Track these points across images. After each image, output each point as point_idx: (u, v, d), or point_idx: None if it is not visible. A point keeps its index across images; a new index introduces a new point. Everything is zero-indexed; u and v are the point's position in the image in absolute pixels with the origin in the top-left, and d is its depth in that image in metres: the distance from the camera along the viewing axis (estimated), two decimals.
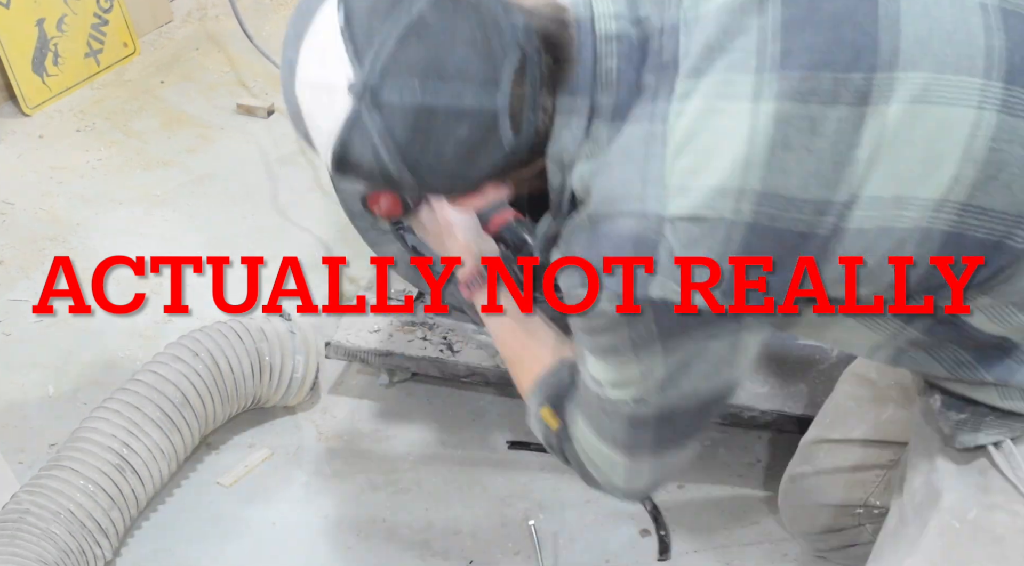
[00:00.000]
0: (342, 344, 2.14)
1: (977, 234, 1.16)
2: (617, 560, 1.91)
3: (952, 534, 1.34)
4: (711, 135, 1.13)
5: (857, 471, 1.68)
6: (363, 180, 1.22)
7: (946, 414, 1.36)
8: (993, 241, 1.17)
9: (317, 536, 1.97)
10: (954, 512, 1.34)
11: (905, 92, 1.14)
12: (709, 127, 1.14)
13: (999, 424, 1.31)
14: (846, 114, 1.13)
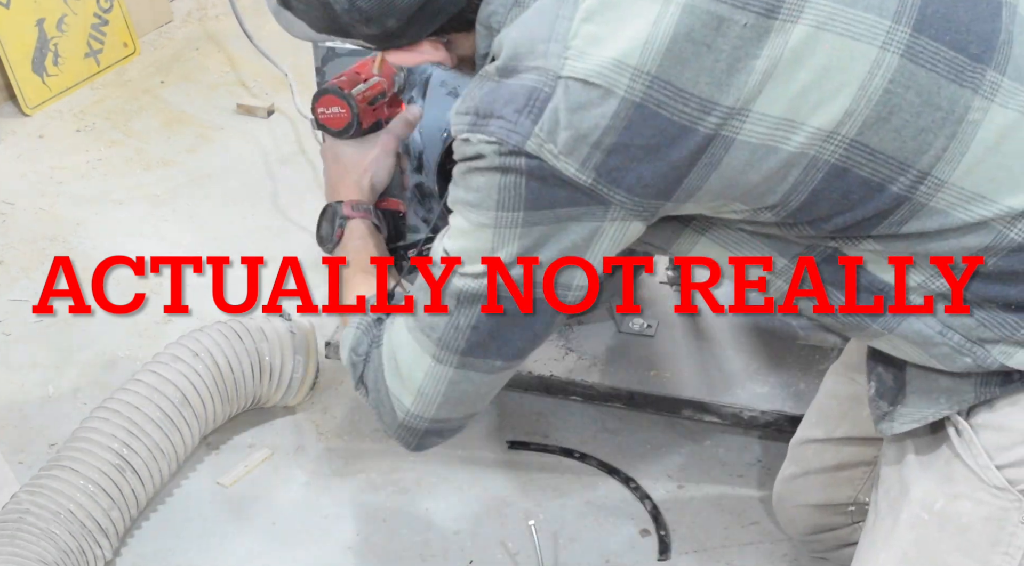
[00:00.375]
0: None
1: (861, 172, 1.19)
2: (617, 560, 1.91)
3: (921, 526, 1.36)
4: (621, 11, 1.17)
5: (843, 469, 1.69)
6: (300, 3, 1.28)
7: (877, 402, 1.39)
8: (876, 182, 1.19)
9: (317, 536, 1.97)
10: (922, 503, 1.35)
11: (812, 16, 1.16)
12: (622, 2, 1.18)
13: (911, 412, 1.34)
14: (752, 22, 1.16)
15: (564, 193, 1.20)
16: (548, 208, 1.21)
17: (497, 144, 1.19)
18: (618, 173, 1.18)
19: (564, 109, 1.17)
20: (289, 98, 3.15)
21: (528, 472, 2.07)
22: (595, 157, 1.17)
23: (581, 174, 1.18)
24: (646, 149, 1.17)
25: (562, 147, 1.17)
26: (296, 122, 3.13)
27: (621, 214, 1.21)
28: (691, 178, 1.19)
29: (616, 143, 1.17)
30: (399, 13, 1.26)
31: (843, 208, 1.21)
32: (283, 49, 3.32)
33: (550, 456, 2.10)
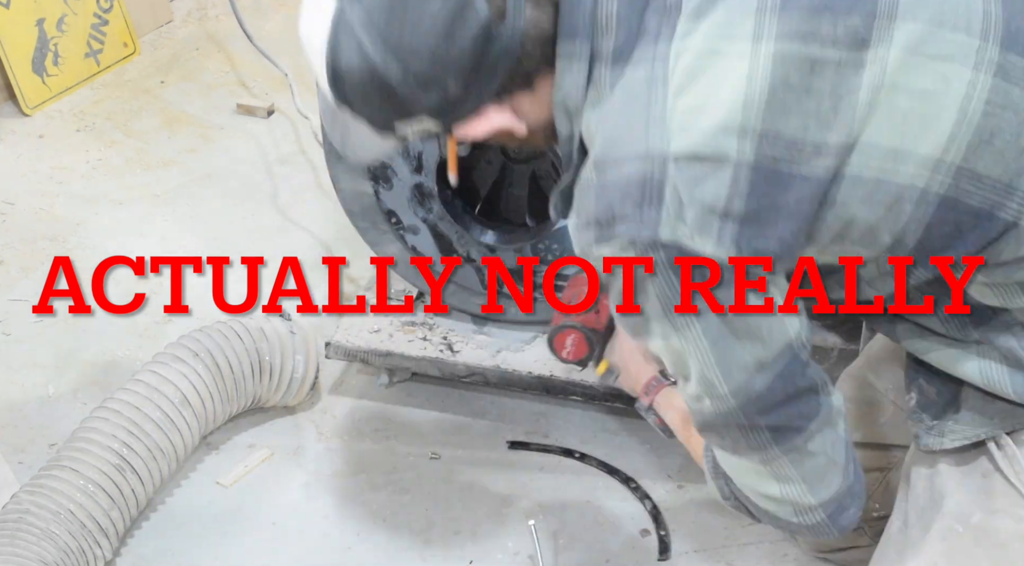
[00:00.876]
0: (342, 344, 2.14)
1: (971, 201, 1.17)
2: (617, 560, 1.91)
3: (955, 538, 1.33)
4: (712, 75, 1.15)
5: None
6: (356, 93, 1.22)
7: (919, 415, 1.36)
8: (985, 210, 1.18)
9: (317, 536, 1.96)
10: (957, 516, 1.33)
11: (903, 40, 1.15)
12: (710, 67, 1.15)
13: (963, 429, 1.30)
14: (846, 57, 1.14)
15: (714, 271, 1.17)
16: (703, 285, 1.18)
17: (631, 246, 1.16)
18: (758, 242, 1.16)
19: (682, 187, 1.14)
20: (289, 98, 3.15)
21: (528, 472, 2.07)
22: (728, 229, 1.15)
23: (720, 251, 1.15)
24: (774, 209, 1.15)
25: (692, 225, 1.15)
26: (296, 122, 3.13)
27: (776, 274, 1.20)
28: (816, 225, 1.18)
29: (745, 211, 1.14)
30: (455, 71, 1.18)
31: (956, 242, 1.20)
32: (283, 49, 3.32)
33: (550, 456, 2.10)
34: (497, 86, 1.22)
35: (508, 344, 2.13)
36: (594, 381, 2.00)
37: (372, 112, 1.25)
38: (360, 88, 1.21)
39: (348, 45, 1.18)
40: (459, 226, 2.04)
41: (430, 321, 2.18)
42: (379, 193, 2.05)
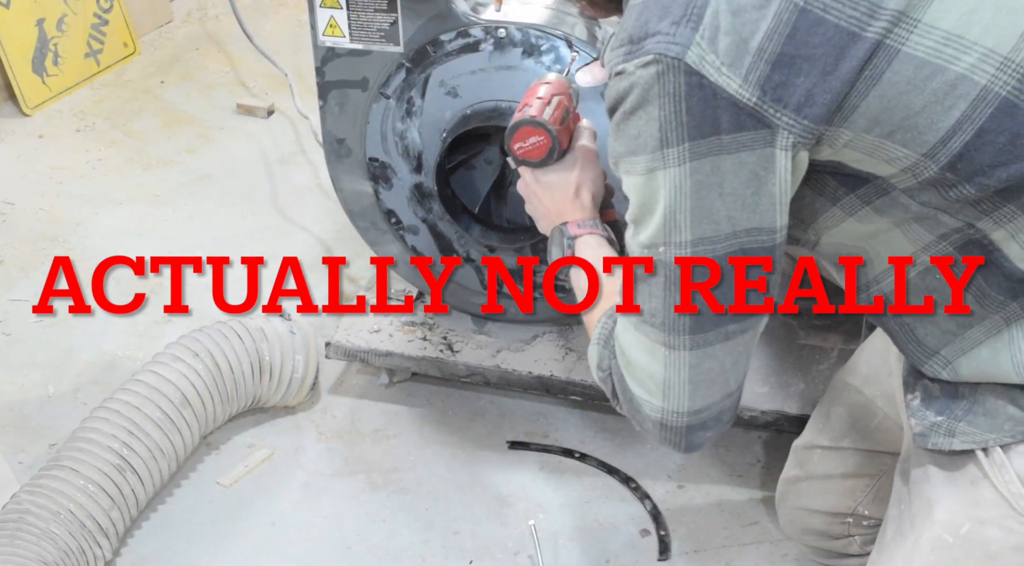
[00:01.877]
0: (342, 344, 2.15)
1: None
2: (617, 560, 1.91)
3: (945, 549, 1.32)
4: None
5: (847, 478, 1.67)
6: None
7: (923, 412, 1.33)
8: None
9: (317, 536, 1.97)
10: (947, 526, 1.31)
11: None
12: None
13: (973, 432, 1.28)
14: None
15: (728, 116, 1.12)
16: (713, 135, 1.12)
17: (655, 62, 1.11)
18: (783, 90, 1.11)
19: (724, 11, 1.10)
20: (289, 98, 3.15)
21: (528, 472, 2.07)
22: (759, 69, 1.10)
23: (744, 91, 1.10)
24: (811, 59, 1.10)
25: (724, 56, 1.10)
26: (296, 122, 3.14)
27: (790, 141, 1.13)
28: (852, 95, 1.12)
29: (781, 53, 1.09)
30: None
31: (1008, 157, 1.13)
32: (283, 49, 3.33)
33: (550, 456, 2.10)
34: None
35: (508, 344, 2.13)
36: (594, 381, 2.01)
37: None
38: None
39: None
40: (459, 226, 2.04)
41: (430, 321, 2.18)
42: (379, 193, 2.05)
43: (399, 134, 1.98)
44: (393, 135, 1.98)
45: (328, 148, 2.05)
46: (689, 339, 1.24)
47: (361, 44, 1.92)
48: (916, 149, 1.14)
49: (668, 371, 1.26)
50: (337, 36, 1.92)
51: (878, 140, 1.15)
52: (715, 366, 1.26)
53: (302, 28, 3.40)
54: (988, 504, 1.28)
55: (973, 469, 1.30)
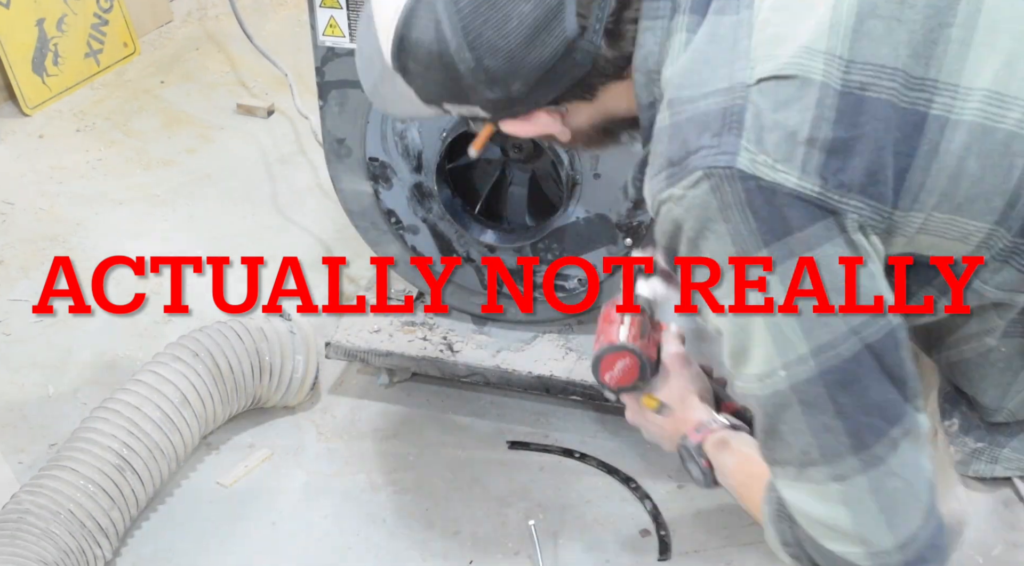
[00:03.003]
0: (342, 344, 2.15)
1: None
2: (617, 560, 1.91)
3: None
4: (797, 7, 1.10)
5: None
6: (419, 67, 1.18)
7: (962, 439, 1.30)
8: None
9: (317, 536, 1.96)
10: (978, 547, 1.30)
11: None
12: (793, 4, 1.11)
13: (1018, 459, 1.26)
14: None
15: (795, 212, 1.07)
16: (788, 235, 1.08)
17: (706, 177, 1.07)
18: (843, 175, 1.07)
19: (766, 110, 1.08)
20: (289, 98, 3.15)
21: (528, 472, 2.07)
22: (814, 158, 1.07)
23: (805, 182, 1.07)
24: (862, 139, 1.07)
25: (774, 153, 1.07)
26: (296, 122, 3.14)
27: (856, 224, 1.09)
28: (915, 171, 1.09)
29: (832, 138, 1.07)
30: (526, 75, 1.16)
31: None
32: (283, 49, 3.32)
33: (550, 456, 2.10)
34: (556, 94, 1.20)
35: (508, 344, 2.13)
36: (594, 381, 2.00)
37: (426, 86, 1.21)
38: (424, 63, 1.18)
39: (426, 20, 1.15)
40: (459, 225, 2.04)
41: (430, 321, 2.18)
42: (379, 193, 2.05)
43: (399, 134, 1.98)
44: (393, 135, 1.98)
45: (328, 148, 2.05)
46: (857, 461, 1.12)
47: None
48: (987, 218, 1.12)
49: (852, 509, 1.14)
50: (337, 36, 1.92)
51: (949, 216, 1.12)
52: (899, 485, 1.13)
53: (302, 28, 3.40)
54: (1022, 527, 1.28)
55: (1007, 492, 1.29)
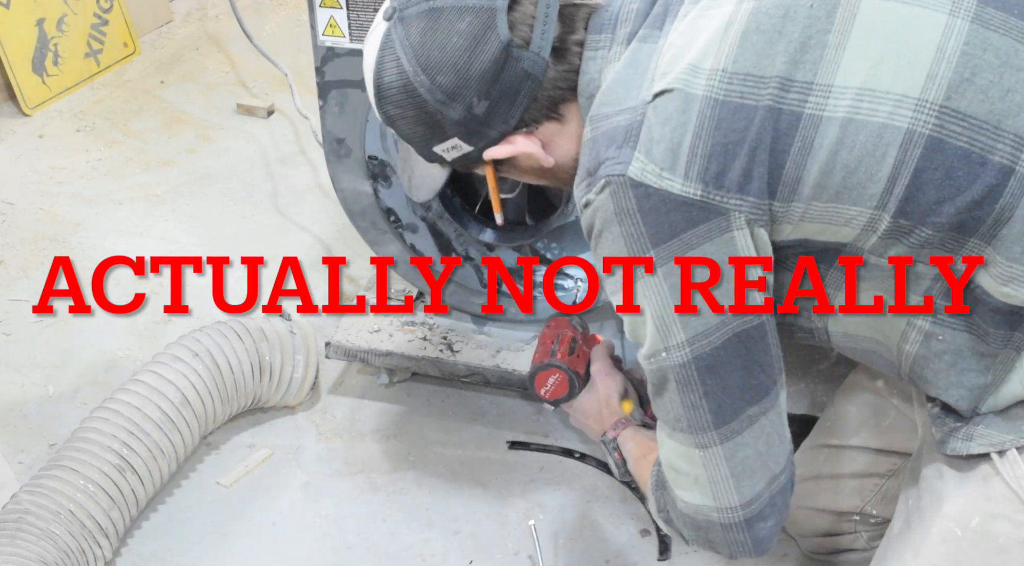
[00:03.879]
0: (342, 344, 2.15)
1: (959, 142, 1.18)
2: (617, 560, 1.91)
3: (954, 542, 1.33)
4: (695, 32, 1.24)
5: (855, 478, 1.68)
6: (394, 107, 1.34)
7: (943, 419, 1.35)
8: (976, 153, 1.17)
9: (317, 536, 1.97)
10: (957, 519, 1.33)
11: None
12: (695, 28, 1.24)
13: (991, 434, 1.30)
14: (819, 2, 1.20)
15: (680, 216, 1.21)
16: (673, 237, 1.22)
17: (607, 184, 1.22)
18: (722, 176, 1.19)
19: (656, 124, 1.20)
20: (289, 98, 3.15)
21: (528, 472, 2.07)
22: (695, 165, 1.19)
23: (688, 188, 1.20)
24: (739, 143, 1.19)
25: (660, 162, 1.20)
26: (296, 122, 3.14)
27: (743, 220, 1.21)
28: (789, 167, 1.19)
29: (712, 145, 1.19)
30: (477, 86, 1.29)
31: (950, 191, 1.18)
32: (283, 49, 3.32)
33: (550, 456, 2.10)
34: (521, 110, 1.33)
35: (508, 344, 2.13)
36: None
37: (411, 129, 1.36)
38: (398, 102, 1.33)
39: (390, 63, 1.32)
40: (457, 224, 2.04)
41: (430, 321, 2.18)
42: (378, 191, 2.05)
43: None
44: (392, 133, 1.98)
45: (328, 148, 2.04)
46: (717, 434, 1.29)
47: (361, 44, 1.92)
48: (867, 204, 1.21)
49: (709, 471, 1.31)
50: (337, 36, 1.92)
51: (829, 204, 1.21)
52: (750, 454, 1.30)
53: (302, 28, 3.40)
54: (999, 499, 1.30)
55: (985, 467, 1.31)
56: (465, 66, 1.29)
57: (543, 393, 1.73)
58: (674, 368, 1.27)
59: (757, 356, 1.27)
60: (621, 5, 1.33)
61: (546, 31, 1.31)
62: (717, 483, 1.32)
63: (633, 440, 1.61)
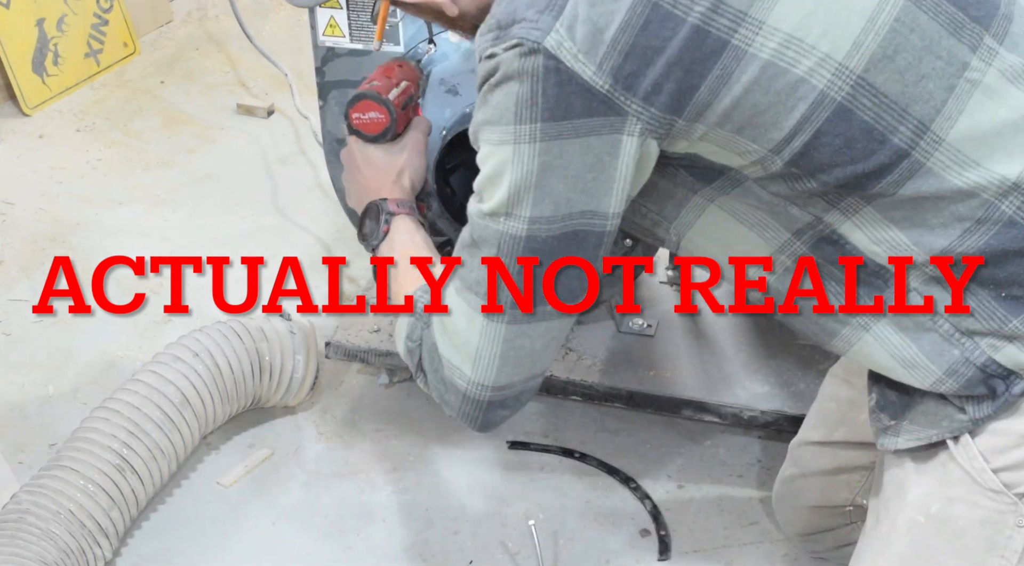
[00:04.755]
0: (342, 344, 2.14)
1: (865, 116, 1.19)
2: (617, 560, 1.91)
3: (917, 530, 1.35)
4: None
5: (840, 472, 1.68)
6: None
7: (878, 415, 1.38)
8: (879, 131, 1.19)
9: (317, 536, 1.97)
10: (918, 507, 1.35)
11: None
12: None
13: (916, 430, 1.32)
14: None
15: (580, 102, 1.18)
16: (565, 119, 1.19)
17: (518, 46, 1.18)
18: (634, 79, 1.17)
19: (584, 2, 1.17)
20: (289, 98, 3.15)
21: (528, 472, 2.07)
22: (612, 59, 1.16)
23: (598, 78, 1.17)
24: (660, 51, 1.17)
25: (580, 44, 1.17)
26: (296, 122, 3.14)
27: (638, 128, 1.19)
28: (703, 91, 1.18)
29: (633, 44, 1.16)
30: None
31: (844, 159, 1.20)
32: (283, 49, 3.33)
33: (550, 456, 2.10)
34: None
35: None
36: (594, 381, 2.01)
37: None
38: None
39: None
40: (457, 224, 2.04)
41: None
42: None
43: None
44: None
45: (328, 148, 2.04)
46: (509, 315, 1.29)
47: (361, 44, 1.92)
48: (764, 145, 1.21)
49: (482, 341, 1.31)
50: (337, 36, 1.92)
51: (730, 134, 1.21)
52: (527, 345, 1.31)
53: (302, 28, 3.40)
54: (955, 482, 1.31)
55: (942, 452, 1.33)
56: None
57: (355, 119, 1.61)
58: (503, 235, 1.25)
59: (583, 258, 1.27)
60: None
61: None
62: (482, 357, 1.31)
63: (408, 234, 1.55)
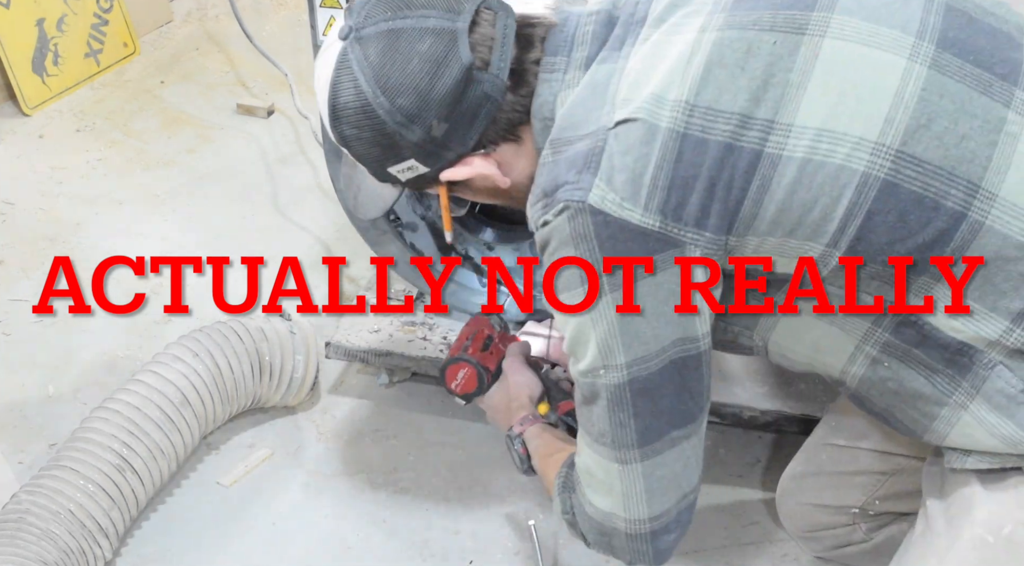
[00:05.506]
0: (342, 344, 2.14)
1: (913, 187, 1.19)
2: (617, 560, 1.90)
3: (986, 548, 1.33)
4: (657, 59, 1.24)
5: (858, 475, 1.68)
6: (351, 129, 1.32)
7: None
8: (929, 198, 1.19)
9: (317, 536, 1.97)
10: (988, 526, 1.33)
11: (838, 30, 1.22)
12: (657, 54, 1.24)
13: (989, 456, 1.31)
14: (782, 39, 1.21)
15: (637, 245, 1.21)
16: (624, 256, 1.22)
17: (566, 208, 1.22)
18: (681, 209, 1.20)
19: (617, 153, 1.21)
20: (289, 98, 3.15)
21: None
22: (656, 197, 1.20)
23: (647, 218, 1.20)
24: (698, 177, 1.20)
25: (621, 192, 1.20)
26: (296, 122, 3.14)
27: (698, 252, 1.23)
28: (747, 204, 1.21)
29: (672, 177, 1.20)
30: (438, 108, 1.28)
31: (902, 233, 1.20)
32: (283, 49, 3.32)
33: None
34: (480, 132, 1.32)
35: None
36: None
37: (366, 150, 1.34)
38: (355, 123, 1.31)
39: (347, 83, 1.30)
40: (457, 224, 2.04)
41: (430, 321, 2.18)
42: None
43: None
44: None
45: (328, 148, 2.04)
46: (639, 452, 1.33)
47: None
48: (819, 241, 1.23)
49: (624, 484, 1.36)
50: None
51: (782, 239, 1.24)
52: (667, 474, 1.36)
53: (302, 28, 3.40)
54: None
55: (1016, 475, 1.31)
56: (427, 89, 1.28)
57: (453, 387, 1.76)
58: (608, 387, 1.30)
59: (690, 384, 1.31)
60: (577, 26, 1.33)
61: (504, 53, 1.30)
62: (630, 496, 1.36)
63: (540, 438, 1.63)
